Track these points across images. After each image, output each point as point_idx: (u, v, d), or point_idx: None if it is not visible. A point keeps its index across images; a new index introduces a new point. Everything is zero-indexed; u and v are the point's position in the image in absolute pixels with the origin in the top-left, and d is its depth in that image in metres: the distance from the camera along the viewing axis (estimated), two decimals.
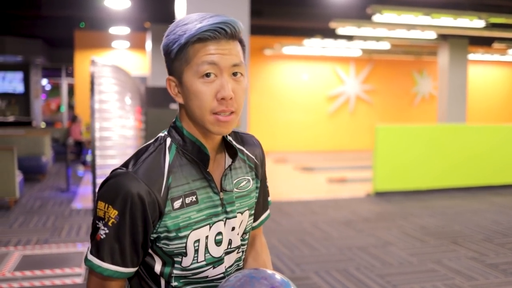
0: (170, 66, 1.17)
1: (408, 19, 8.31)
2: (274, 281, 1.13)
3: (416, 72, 16.11)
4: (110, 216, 1.09)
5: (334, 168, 11.43)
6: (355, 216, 6.88)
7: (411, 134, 8.68)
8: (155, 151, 1.17)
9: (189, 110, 1.17)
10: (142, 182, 1.10)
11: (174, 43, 1.13)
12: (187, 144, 1.19)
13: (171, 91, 1.19)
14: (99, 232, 1.10)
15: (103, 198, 1.11)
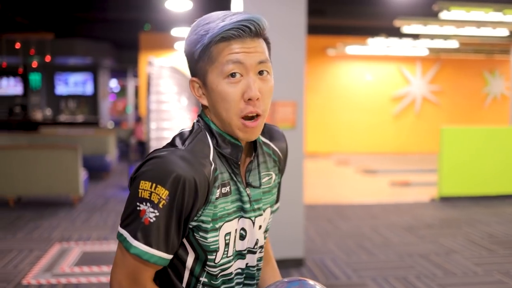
0: (193, 67, 1.12)
1: (477, 16, 7.91)
2: None
3: (487, 71, 15.40)
4: (160, 197, 1.00)
5: (397, 171, 11.09)
6: (418, 221, 6.61)
7: (479, 136, 8.26)
8: (199, 135, 1.11)
9: (215, 112, 1.13)
10: (196, 164, 1.04)
11: (196, 43, 1.09)
12: (218, 139, 1.14)
13: (195, 93, 1.14)
14: (146, 215, 1.00)
15: (149, 177, 1.00)
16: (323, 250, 5.28)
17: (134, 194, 1.02)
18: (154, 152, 1.06)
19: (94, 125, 15.01)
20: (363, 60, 14.53)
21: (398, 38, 11.30)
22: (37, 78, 16.57)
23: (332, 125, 14.46)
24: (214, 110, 1.12)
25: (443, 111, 15.07)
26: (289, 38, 4.52)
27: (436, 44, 11.90)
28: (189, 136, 1.10)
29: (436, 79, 15.04)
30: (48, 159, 7.20)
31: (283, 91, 4.57)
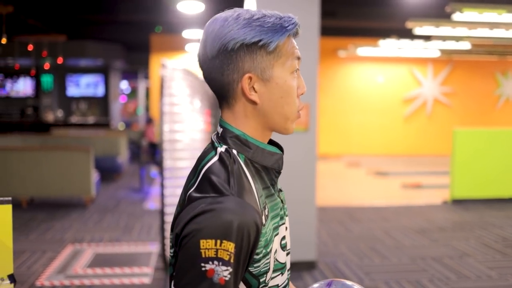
0: (247, 61, 1.02)
1: (490, 17, 7.85)
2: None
3: (500, 73, 15.29)
4: (230, 252, 0.91)
5: (409, 173, 11.03)
6: (430, 224, 6.57)
7: (492, 138, 8.20)
8: (235, 167, 1.01)
9: (266, 110, 1.05)
10: (250, 205, 0.96)
11: (254, 36, 1.01)
12: (255, 152, 1.05)
13: (246, 89, 1.03)
14: (219, 275, 0.91)
15: (209, 235, 0.91)
16: (335, 253, 5.26)
17: (194, 255, 0.92)
18: (199, 203, 0.95)
19: (105, 126, 15.07)
20: (374, 61, 14.48)
21: (409, 40, 11.25)
22: (49, 79, 16.68)
23: (343, 126, 14.41)
24: (271, 106, 1.05)
25: (454, 113, 14.98)
26: (302, 40, 4.49)
27: (448, 46, 11.83)
28: (227, 172, 0.99)
29: (448, 81, 14.94)
30: (61, 161, 7.24)
31: None
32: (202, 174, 1.00)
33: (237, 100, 1.05)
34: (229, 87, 1.04)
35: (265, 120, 1.06)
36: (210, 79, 1.06)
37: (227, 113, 1.07)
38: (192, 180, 1.02)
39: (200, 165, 1.03)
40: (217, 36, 1.02)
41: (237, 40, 1.00)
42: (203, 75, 1.08)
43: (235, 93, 1.04)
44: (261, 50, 1.02)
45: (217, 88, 1.06)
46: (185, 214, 0.96)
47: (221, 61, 1.02)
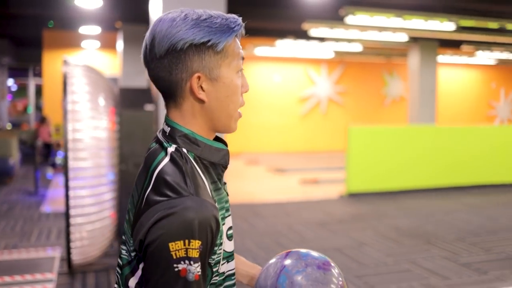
0: (196, 61, 1.04)
1: (380, 21, 8.38)
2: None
3: (387, 73, 16.29)
4: (196, 249, 0.95)
5: (306, 170, 11.45)
6: (329, 217, 6.88)
7: (383, 135, 8.75)
8: (188, 166, 1.03)
9: (214, 109, 1.09)
10: (208, 202, 0.99)
11: (204, 35, 1.03)
12: (203, 149, 1.09)
13: (195, 88, 1.05)
14: (192, 272, 0.94)
15: (176, 236, 0.93)
16: (242, 249, 5.36)
17: (165, 258, 0.94)
18: (159, 207, 0.96)
19: None
20: (271, 61, 14.85)
21: (305, 41, 11.67)
22: None
23: (241, 124, 14.48)
24: (217, 104, 1.08)
25: (347, 111, 15.75)
26: None
27: (341, 47, 12.41)
28: (181, 173, 1.01)
29: (340, 81, 15.68)
30: None
31: None
32: (156, 175, 1.01)
33: (185, 99, 1.07)
34: (177, 86, 1.06)
35: (211, 118, 1.09)
36: (157, 78, 1.07)
37: (175, 112, 1.09)
38: (145, 182, 1.02)
39: (152, 166, 1.03)
40: (166, 36, 1.03)
41: (186, 40, 1.02)
42: (149, 73, 1.08)
43: (183, 92, 1.06)
44: (209, 50, 1.04)
45: (164, 87, 1.07)
46: (146, 219, 0.97)
47: (169, 60, 1.03)
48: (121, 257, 1.06)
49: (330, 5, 8.09)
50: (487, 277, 4.51)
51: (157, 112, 4.51)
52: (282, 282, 1.18)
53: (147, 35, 1.07)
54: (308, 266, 1.19)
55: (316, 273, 1.18)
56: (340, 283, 1.19)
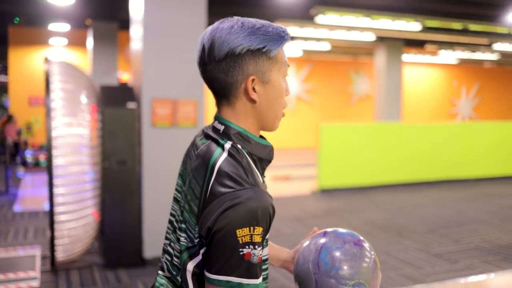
0: (251, 65, 1.16)
1: (349, 21, 8.58)
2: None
3: (353, 72, 16.60)
4: (259, 234, 1.07)
5: (277, 167, 11.59)
6: (303, 212, 7.04)
7: (354, 132, 8.97)
8: (244, 161, 1.14)
9: (263, 110, 1.21)
10: (265, 192, 1.11)
11: (260, 42, 1.15)
12: (254, 146, 1.21)
13: (250, 89, 1.17)
14: (256, 255, 1.06)
15: (242, 224, 1.05)
16: None
17: (233, 243, 1.05)
18: (225, 198, 1.07)
19: None
20: None
21: None
22: None
23: None
24: (266, 105, 1.20)
25: (315, 109, 15.99)
26: (190, 37, 4.64)
27: (309, 46, 12.60)
28: (241, 167, 1.12)
29: (308, 79, 15.90)
30: None
31: (184, 90, 4.67)
32: (218, 169, 1.11)
33: (239, 98, 1.18)
34: (232, 86, 1.17)
35: (260, 117, 1.22)
36: (213, 79, 1.18)
37: (227, 111, 1.21)
38: (206, 175, 1.12)
39: (211, 160, 1.13)
40: (225, 41, 1.14)
41: (244, 46, 1.14)
42: (205, 74, 1.19)
43: (238, 93, 1.18)
44: (263, 56, 1.16)
45: (220, 87, 1.18)
46: (213, 209, 1.08)
47: (227, 63, 1.14)
48: (180, 244, 1.16)
49: (300, 5, 8.24)
50: (457, 266, 4.74)
51: (139, 109, 4.56)
52: (323, 257, 1.30)
53: (204, 39, 1.17)
54: (346, 243, 1.33)
55: (353, 249, 1.32)
56: (373, 257, 1.33)
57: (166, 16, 4.55)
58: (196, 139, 1.28)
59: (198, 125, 4.75)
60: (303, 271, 1.34)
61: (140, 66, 4.55)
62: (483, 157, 10.08)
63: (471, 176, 9.76)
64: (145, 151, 4.58)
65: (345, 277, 1.27)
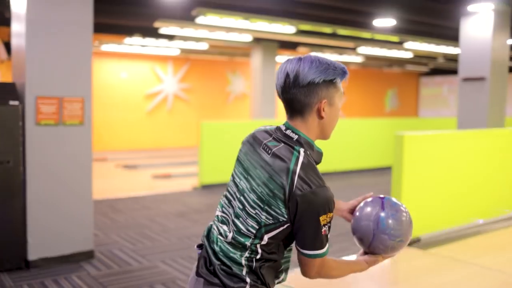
0: (324, 91, 1.59)
1: (228, 22, 8.88)
2: None
3: (230, 72, 17.03)
4: (331, 217, 1.55)
5: (157, 165, 11.64)
6: (187, 208, 7.22)
7: (232, 130, 9.30)
8: (314, 164, 1.60)
9: (326, 125, 1.65)
10: (330, 190, 1.56)
11: (332, 75, 1.58)
12: (315, 153, 1.65)
13: (323, 109, 1.60)
14: (328, 231, 1.56)
15: (323, 211, 1.52)
16: (109, 242, 5.48)
17: (318, 226, 1.53)
18: (312, 193, 1.51)
19: None
20: (119, 58, 14.70)
21: (154, 39, 11.81)
22: None
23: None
24: (329, 121, 1.64)
25: (193, 107, 16.17)
26: (76, 35, 4.62)
27: (188, 46, 12.76)
28: (315, 169, 1.57)
29: (186, 78, 16.04)
30: None
31: (70, 88, 4.64)
32: (299, 171, 1.54)
33: (311, 115, 1.61)
34: (308, 106, 1.59)
35: (322, 130, 1.66)
36: (294, 100, 1.59)
37: (300, 123, 1.63)
38: (289, 174, 1.53)
39: (291, 164, 1.54)
40: (309, 73, 1.56)
41: (321, 77, 1.56)
42: (287, 96, 1.60)
43: (312, 111, 1.60)
44: (332, 85, 1.60)
45: (298, 106, 1.60)
46: (302, 201, 1.50)
47: (308, 89, 1.57)
48: (260, 221, 1.56)
49: (182, 6, 8.38)
50: (332, 249, 5.21)
51: (23, 107, 4.45)
52: (382, 220, 1.78)
53: (289, 69, 1.58)
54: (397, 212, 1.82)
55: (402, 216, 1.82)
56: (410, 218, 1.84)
57: (51, 12, 4.48)
58: (258, 136, 1.70)
59: (85, 123, 4.73)
60: (364, 226, 1.78)
61: (23, 63, 4.45)
62: (350, 151, 10.94)
63: (339, 169, 10.56)
64: (29, 150, 4.49)
65: (395, 235, 1.75)
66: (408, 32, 11.27)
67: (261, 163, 1.59)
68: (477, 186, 6.06)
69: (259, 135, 1.69)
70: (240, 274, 1.58)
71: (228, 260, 1.60)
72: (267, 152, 1.60)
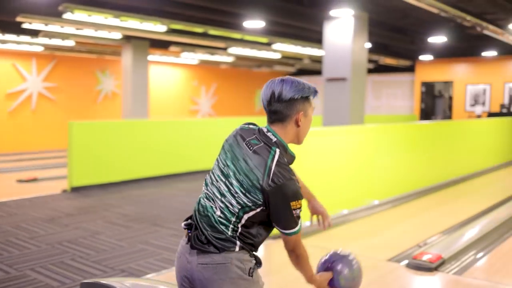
0: (298, 105, 2.00)
1: (97, 20, 8.65)
2: None
3: (99, 70, 16.49)
4: (300, 204, 1.94)
5: (22, 169, 10.98)
6: (57, 212, 6.93)
7: (104, 130, 9.07)
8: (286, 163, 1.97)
9: (300, 132, 2.05)
10: (285, 161, 1.97)
11: (304, 92, 1.99)
12: (287, 154, 2.02)
13: (299, 119, 2.01)
14: (299, 213, 1.94)
15: (295, 198, 1.92)
16: None
17: (290, 210, 1.92)
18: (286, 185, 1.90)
19: None
20: None
21: (15, 35, 11.11)
22: None
23: None
24: (303, 129, 2.06)
25: (60, 107, 15.42)
26: None
27: (53, 42, 12.17)
28: (288, 167, 1.96)
29: (52, 76, 15.26)
30: None
31: None
32: (274, 167, 1.92)
33: (290, 123, 2.02)
34: (288, 117, 2.00)
35: (297, 136, 2.07)
36: (277, 111, 2.00)
37: (279, 129, 2.02)
38: (266, 169, 1.91)
39: (268, 161, 1.93)
40: (290, 91, 1.97)
41: (299, 95, 1.99)
42: (272, 107, 2.00)
43: (291, 120, 2.01)
44: (307, 100, 2.02)
45: (280, 116, 2.00)
46: (275, 192, 1.89)
47: (289, 103, 1.98)
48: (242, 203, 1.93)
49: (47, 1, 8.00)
50: None
51: None
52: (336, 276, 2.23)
53: (274, 88, 1.99)
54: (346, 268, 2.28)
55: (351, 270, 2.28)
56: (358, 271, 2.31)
57: None
58: (243, 133, 2.05)
59: None
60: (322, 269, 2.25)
61: None
62: None
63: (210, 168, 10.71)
64: None
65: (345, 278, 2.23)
66: (277, 34, 11.76)
67: (244, 157, 1.96)
68: (340, 179, 6.53)
69: (243, 132, 2.04)
70: (230, 238, 1.93)
71: (218, 229, 1.95)
72: (250, 148, 1.97)
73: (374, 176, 7.17)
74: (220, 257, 1.92)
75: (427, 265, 4.52)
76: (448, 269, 4.58)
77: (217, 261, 1.92)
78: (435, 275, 4.44)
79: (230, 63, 18.29)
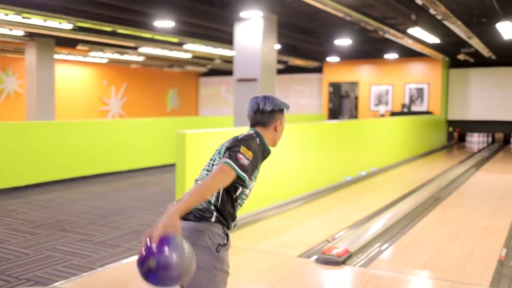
0: (274, 115, 2.50)
1: None
2: None
3: (1, 69, 15.63)
4: (250, 155, 2.27)
5: None
6: None
7: (6, 131, 8.60)
8: (259, 139, 2.44)
9: (277, 135, 2.55)
10: (261, 145, 2.41)
11: (280, 106, 2.51)
12: (263, 146, 2.46)
13: (277, 126, 2.53)
14: (242, 161, 2.23)
15: (246, 147, 2.28)
16: None
17: (238, 150, 2.25)
18: (248, 138, 2.37)
19: None
20: None
21: None
22: None
23: None
24: (279, 133, 2.55)
25: None
26: None
27: None
28: (255, 135, 2.45)
29: None
30: None
31: None
32: (244, 135, 2.42)
33: (269, 128, 2.51)
34: (268, 124, 2.50)
35: (274, 138, 2.54)
36: (261, 120, 2.50)
37: (263, 131, 2.50)
38: (237, 136, 2.42)
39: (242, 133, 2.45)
40: (268, 104, 2.49)
41: (277, 107, 2.51)
42: (256, 116, 2.51)
43: (270, 126, 2.51)
44: (281, 112, 2.54)
45: (262, 123, 2.50)
46: (237, 139, 2.36)
47: (269, 114, 2.50)
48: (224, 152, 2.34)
49: None
50: (120, 250, 5.22)
51: None
52: None
53: (259, 101, 2.51)
54: None
55: None
56: None
57: None
58: None
59: None
60: None
61: None
62: (133, 151, 10.96)
63: (123, 169, 10.52)
64: None
65: None
66: (187, 34, 11.73)
67: (224, 143, 2.41)
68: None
69: None
70: (208, 207, 2.31)
71: None
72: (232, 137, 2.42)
73: (284, 175, 7.35)
74: (197, 225, 2.29)
75: (335, 259, 4.71)
76: (355, 262, 4.80)
77: (193, 228, 2.28)
78: (342, 268, 4.64)
79: (140, 62, 17.98)
